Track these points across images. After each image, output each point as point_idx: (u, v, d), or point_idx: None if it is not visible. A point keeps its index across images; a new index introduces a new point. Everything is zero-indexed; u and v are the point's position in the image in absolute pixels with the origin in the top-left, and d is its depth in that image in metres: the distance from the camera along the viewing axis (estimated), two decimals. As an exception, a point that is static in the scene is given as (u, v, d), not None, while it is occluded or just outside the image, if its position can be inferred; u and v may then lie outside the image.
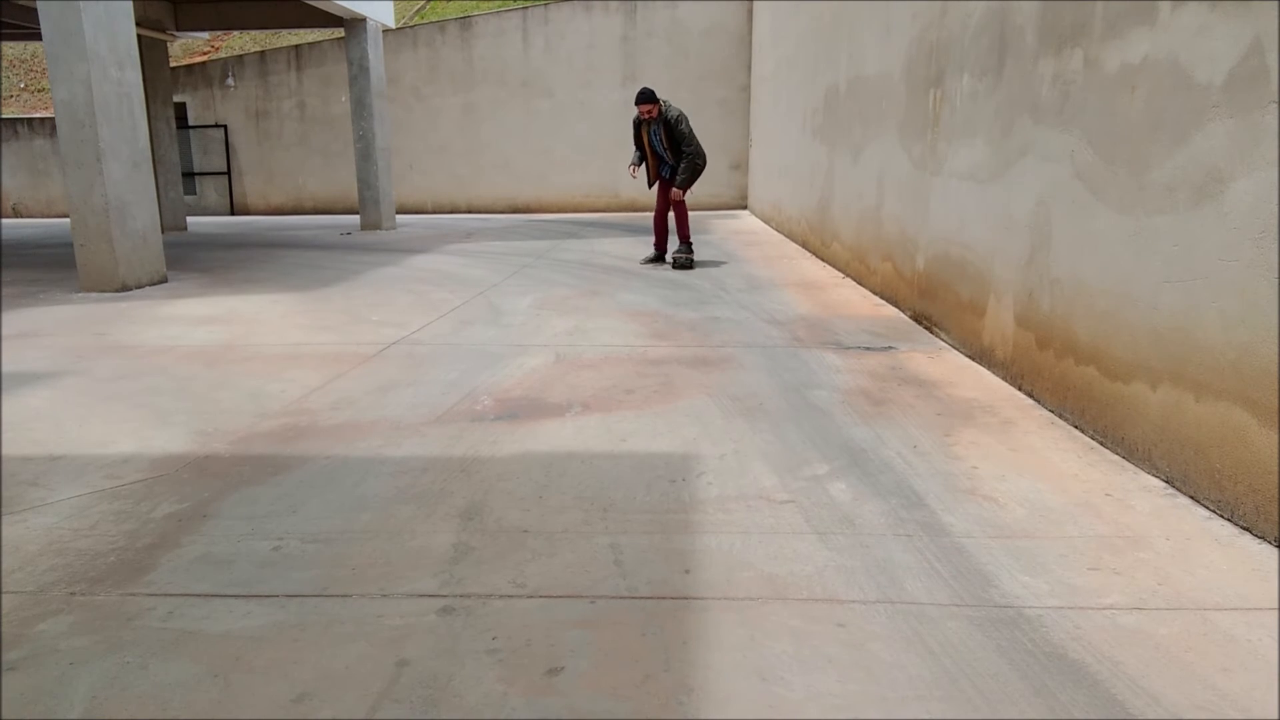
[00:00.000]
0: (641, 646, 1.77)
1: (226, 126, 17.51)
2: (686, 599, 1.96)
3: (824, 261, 8.03)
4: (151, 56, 13.20)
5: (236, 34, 21.15)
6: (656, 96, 7.45)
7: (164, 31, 13.47)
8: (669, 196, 7.81)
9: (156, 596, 2.00)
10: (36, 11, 8.48)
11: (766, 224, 12.59)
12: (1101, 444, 2.92)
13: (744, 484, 2.64)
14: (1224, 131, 2.30)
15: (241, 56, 17.49)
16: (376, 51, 12.53)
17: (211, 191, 17.83)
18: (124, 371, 4.20)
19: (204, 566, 2.14)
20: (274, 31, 20.52)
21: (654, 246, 8.21)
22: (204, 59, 18.95)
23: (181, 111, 17.19)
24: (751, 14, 15.60)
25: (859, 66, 6.56)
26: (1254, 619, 1.84)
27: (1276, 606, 1.88)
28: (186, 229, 13.89)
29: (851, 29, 6.80)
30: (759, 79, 14.23)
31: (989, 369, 3.94)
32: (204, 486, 2.69)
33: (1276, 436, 2.10)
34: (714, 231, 11.50)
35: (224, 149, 17.58)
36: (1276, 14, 2.12)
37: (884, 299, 5.88)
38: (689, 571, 2.09)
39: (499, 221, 14.53)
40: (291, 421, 3.35)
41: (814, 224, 8.60)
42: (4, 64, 20.86)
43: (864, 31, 6.37)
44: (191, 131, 17.47)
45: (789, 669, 1.68)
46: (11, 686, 1.66)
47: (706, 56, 15.97)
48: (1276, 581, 1.98)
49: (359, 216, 13.56)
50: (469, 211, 17.04)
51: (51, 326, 5.42)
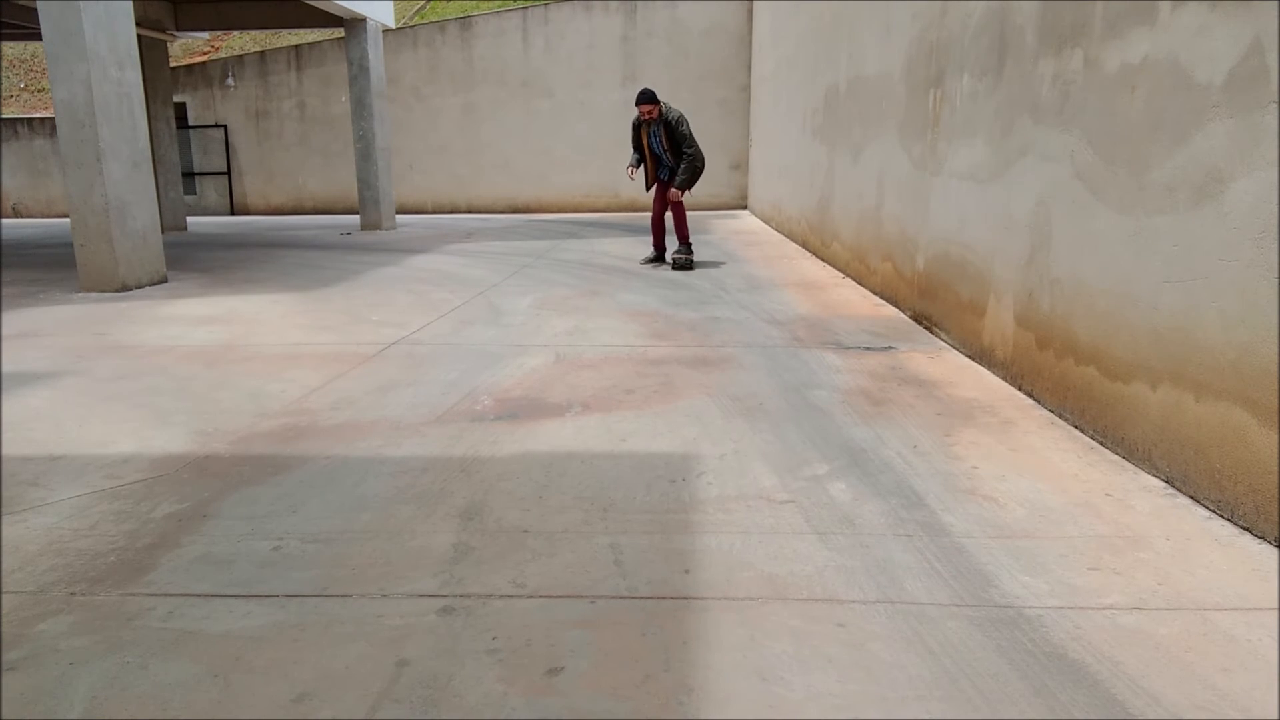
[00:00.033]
0: (641, 646, 1.77)
1: (226, 126, 17.52)
2: (686, 599, 1.96)
3: (824, 261, 8.03)
4: (151, 56, 13.21)
5: (236, 34, 21.15)
6: (657, 97, 7.44)
7: (164, 31, 13.48)
8: (666, 198, 7.79)
9: (156, 596, 2.00)
10: (36, 11, 8.48)
11: (766, 224, 12.60)
12: (1101, 444, 2.92)
13: (744, 484, 2.64)
14: (1224, 131, 2.30)
15: (241, 56, 17.49)
16: (376, 51, 12.53)
17: (211, 191, 17.84)
18: (124, 371, 4.20)
19: (204, 566, 2.15)
20: (274, 31, 20.52)
21: (653, 247, 8.21)
22: (204, 59, 18.96)
23: (181, 111, 17.19)
24: (751, 14, 15.60)
25: (859, 66, 6.56)
26: (1254, 619, 1.84)
27: (1276, 606, 1.88)
28: (186, 229, 13.89)
29: (851, 29, 6.80)
30: (759, 79, 14.23)
31: (989, 369, 3.94)
32: (204, 486, 2.69)
33: (1276, 436, 2.10)
34: (714, 231, 11.50)
35: (224, 149, 17.59)
36: (1276, 14, 2.12)
37: (884, 299, 5.88)
38: (689, 571, 2.09)
39: (499, 221, 14.53)
40: (291, 421, 3.36)
41: (814, 224, 8.60)
42: (4, 64, 20.86)
43: (864, 31, 6.38)
44: (191, 131, 17.48)
45: (789, 669, 1.69)
46: (11, 686, 1.66)
47: (706, 56, 15.97)
48: (1276, 581, 1.98)
49: (359, 216, 13.56)
50: (469, 211, 17.04)
51: (51, 326, 5.42)
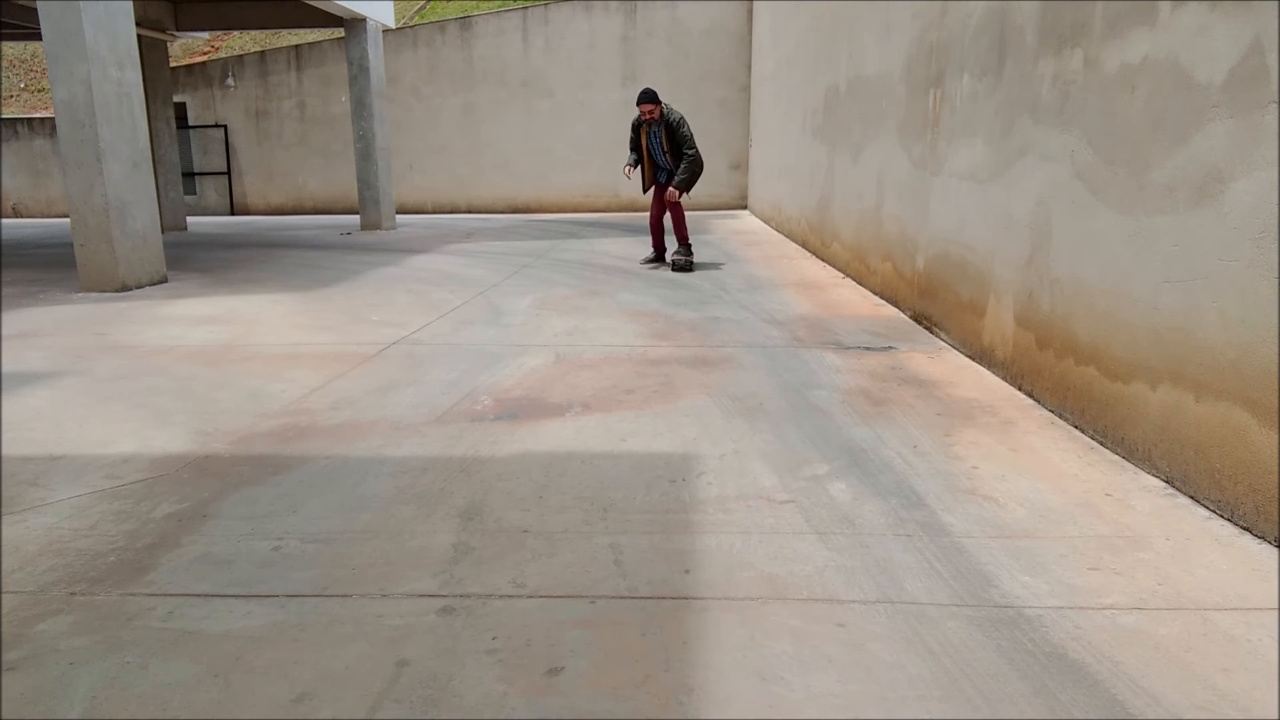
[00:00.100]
0: (641, 646, 1.77)
1: (226, 126, 17.52)
2: (686, 599, 1.96)
3: (824, 261, 8.03)
4: (151, 56, 13.21)
5: (236, 34, 21.15)
6: (659, 97, 7.41)
7: (164, 31, 13.48)
8: (664, 200, 7.74)
9: (156, 596, 2.00)
10: (36, 11, 8.48)
11: (766, 224, 12.60)
12: (1101, 444, 2.92)
13: (744, 484, 2.64)
14: (1224, 131, 2.30)
15: (241, 56, 17.49)
16: (376, 51, 12.53)
17: (211, 191, 17.84)
18: (124, 371, 4.20)
19: (204, 566, 2.15)
20: (274, 31, 20.53)
21: (652, 248, 8.20)
22: (204, 59, 18.96)
23: (181, 111, 17.19)
24: (751, 14, 15.60)
25: (859, 66, 6.56)
26: (1254, 619, 1.84)
27: (1276, 606, 1.88)
28: (186, 229, 13.89)
29: (851, 29, 6.80)
30: (759, 79, 14.23)
31: (989, 369, 3.94)
32: (204, 486, 2.69)
33: (1276, 436, 2.10)
34: (714, 231, 11.50)
35: (224, 149, 17.59)
36: (1276, 14, 2.12)
37: (884, 299, 5.88)
38: (689, 571, 2.09)
39: (499, 221, 14.53)
40: (291, 421, 3.36)
41: (814, 224, 8.60)
42: (4, 64, 20.86)
43: (864, 31, 6.38)
44: (191, 131, 17.48)
45: (789, 669, 1.68)
46: (11, 686, 1.66)
47: (706, 56, 15.97)
48: (1276, 581, 1.98)
49: (359, 216, 13.56)
50: (469, 211, 17.04)
51: (51, 326, 5.42)
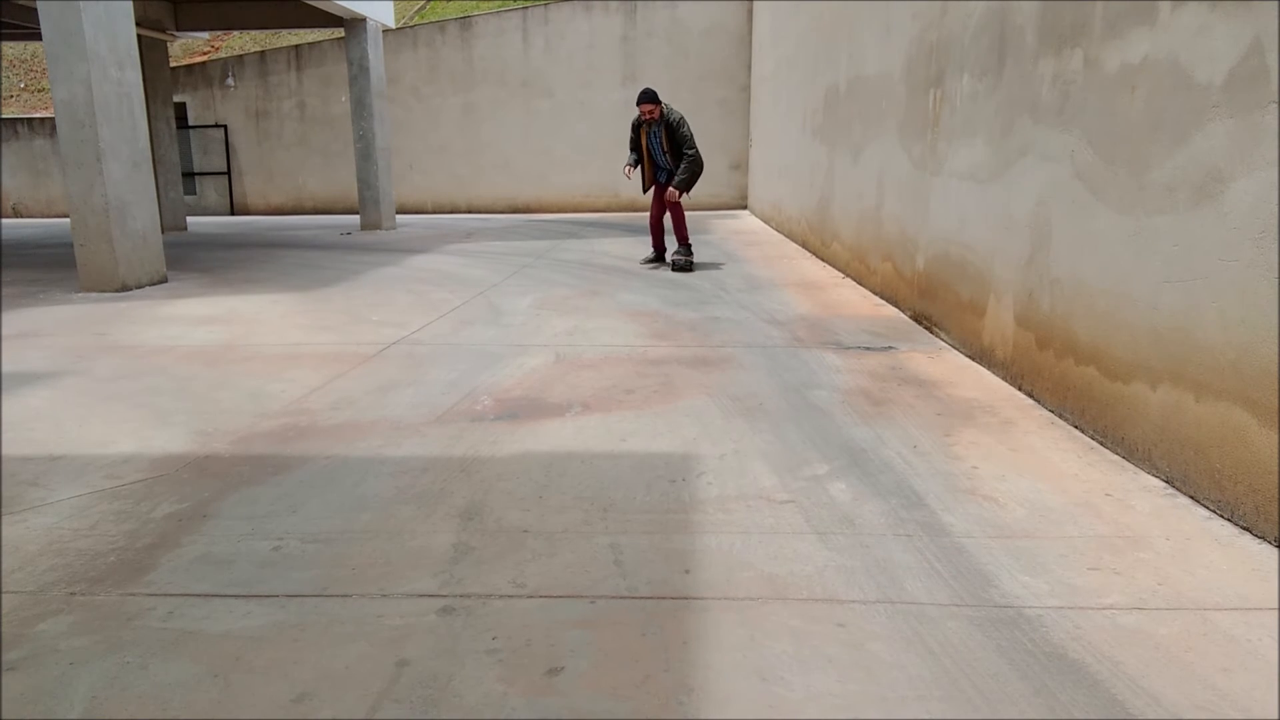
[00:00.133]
0: (641, 646, 1.77)
1: (226, 126, 17.52)
2: (686, 599, 1.96)
3: (824, 261, 8.03)
4: (151, 56, 13.21)
5: (236, 34, 21.15)
6: (659, 97, 7.40)
7: (164, 31, 13.48)
8: (664, 201, 7.73)
9: (156, 596, 2.00)
10: (36, 11, 8.48)
11: (766, 224, 12.60)
12: (1101, 444, 2.92)
13: (744, 484, 2.64)
14: (1224, 131, 2.30)
15: (241, 56, 17.49)
16: (376, 51, 12.53)
17: (211, 191, 17.84)
18: (124, 371, 4.20)
19: (204, 566, 2.15)
20: (274, 31, 20.53)
21: (652, 248, 8.20)
22: (204, 59, 18.96)
23: (181, 111, 17.19)
24: (751, 14, 15.60)
25: (859, 66, 6.56)
26: (1254, 619, 1.84)
27: (1276, 606, 1.88)
28: (186, 229, 13.89)
29: (851, 29, 6.80)
30: (759, 79, 14.23)
31: (989, 369, 3.94)
32: (204, 486, 2.69)
33: (1276, 436, 2.10)
34: (714, 231, 11.50)
35: (224, 149, 17.59)
36: (1276, 14, 2.12)
37: (884, 299, 5.88)
38: (689, 571, 2.09)
39: (499, 221, 14.53)
40: (291, 421, 3.36)
41: (814, 224, 8.60)
42: (4, 64, 20.86)
43: (864, 31, 6.38)
44: (191, 131, 17.48)
45: (789, 669, 1.68)
46: (11, 686, 1.66)
47: (706, 56, 15.97)
48: (1276, 581, 1.98)
49: (359, 216, 13.56)
50: (469, 211, 17.04)
51: (51, 326, 5.42)
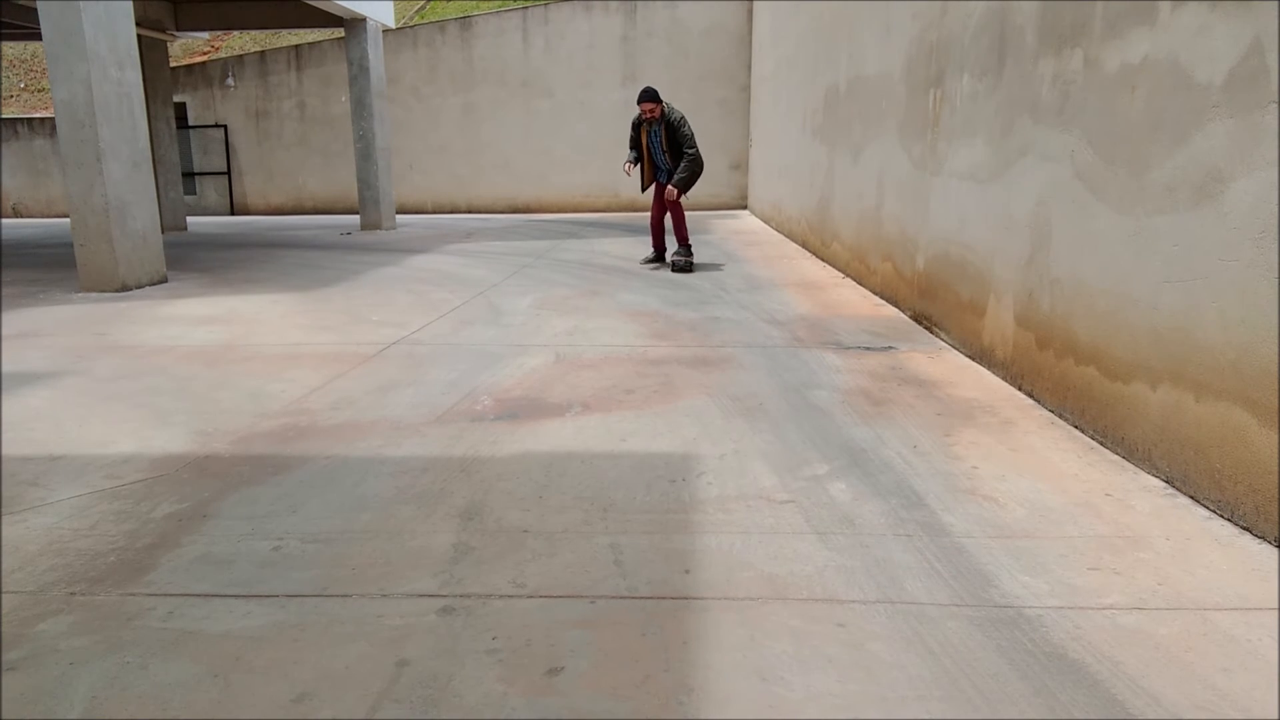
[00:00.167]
0: (641, 646, 1.77)
1: (226, 126, 17.52)
2: (686, 599, 1.96)
3: (824, 261, 8.03)
4: (151, 56, 13.21)
5: (236, 34, 21.15)
6: (660, 96, 7.37)
7: (164, 31, 13.48)
8: (664, 201, 7.72)
9: (156, 596, 2.00)
10: (36, 11, 8.48)
11: (766, 224, 12.60)
12: (1101, 444, 2.92)
13: (744, 484, 2.64)
14: (1224, 131, 2.30)
15: (241, 56, 17.49)
16: (376, 51, 12.53)
17: (211, 191, 17.84)
18: (124, 371, 4.20)
19: (204, 566, 2.15)
20: (274, 31, 20.53)
21: (653, 247, 8.20)
22: (204, 59, 18.96)
23: (181, 111, 17.19)
24: (751, 14, 15.60)
25: (859, 66, 6.56)
26: (1254, 619, 1.84)
27: (1276, 606, 1.88)
28: (186, 229, 13.89)
29: (851, 29, 6.80)
30: (759, 79, 14.23)
31: (989, 369, 3.94)
32: (204, 486, 2.69)
33: (1276, 436, 2.10)
34: (714, 231, 11.50)
35: (224, 149, 17.59)
36: (1276, 14, 2.12)
37: (884, 299, 5.88)
38: (689, 571, 2.09)
39: (499, 221, 14.53)
40: (291, 421, 3.36)
41: (814, 224, 8.60)
42: (4, 64, 20.86)
43: (864, 31, 6.38)
44: (191, 131, 17.48)
45: (789, 669, 1.68)
46: (11, 686, 1.66)
47: (706, 56, 15.97)
48: (1276, 581, 1.98)
49: (359, 216, 13.56)
50: (469, 211, 17.04)
51: (51, 326, 5.42)
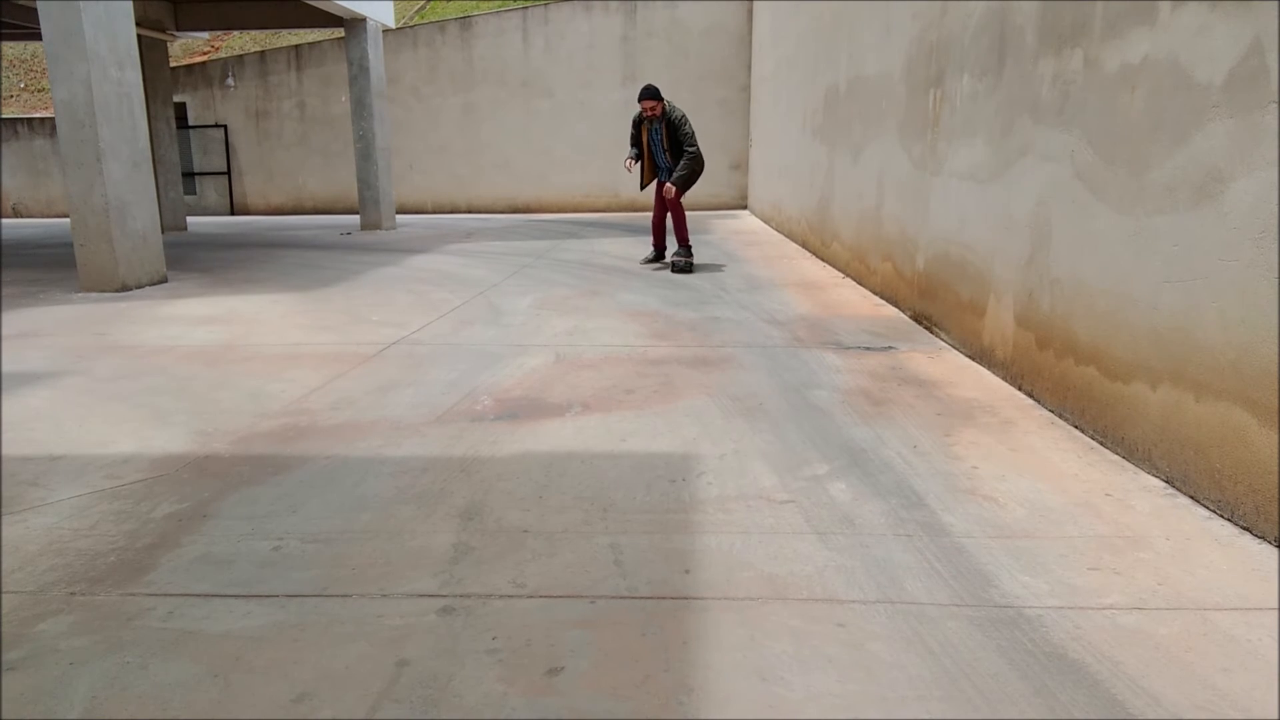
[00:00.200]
0: (641, 646, 1.77)
1: (226, 126, 17.52)
2: (686, 599, 1.96)
3: (824, 261, 8.03)
4: (151, 56, 13.21)
5: (236, 34, 21.15)
6: (661, 94, 7.33)
7: (164, 31, 13.47)
8: (665, 201, 7.72)
9: (156, 596, 2.00)
10: (36, 11, 8.48)
11: (766, 224, 12.60)
12: (1101, 444, 2.92)
13: (744, 484, 2.64)
14: (1224, 131, 2.30)
15: (241, 56, 17.49)
16: (376, 51, 12.53)
17: (211, 191, 17.84)
18: (124, 371, 4.20)
19: (204, 566, 2.15)
20: (274, 31, 20.53)
21: (653, 247, 8.19)
22: (204, 59, 18.95)
23: (181, 111, 17.19)
24: (751, 14, 15.60)
25: (859, 66, 6.56)
26: (1254, 619, 1.84)
27: (1276, 606, 1.88)
28: (186, 229, 13.89)
29: (851, 29, 6.80)
30: (759, 79, 14.23)
31: (989, 369, 3.94)
32: (204, 486, 2.69)
33: (1276, 436, 2.10)
34: (714, 231, 11.50)
35: (224, 149, 17.59)
36: (1276, 14, 2.12)
37: (884, 299, 5.88)
38: (689, 571, 2.09)
39: (499, 221, 14.53)
40: (291, 421, 3.36)
41: (814, 224, 8.60)
42: (4, 64, 20.86)
43: (864, 31, 6.38)
44: (191, 131, 17.48)
45: (789, 669, 1.68)
46: (11, 686, 1.66)
47: (706, 56, 15.97)
48: (1276, 581, 1.98)
49: (359, 216, 13.56)
50: (469, 211, 17.04)
51: (51, 326, 5.42)
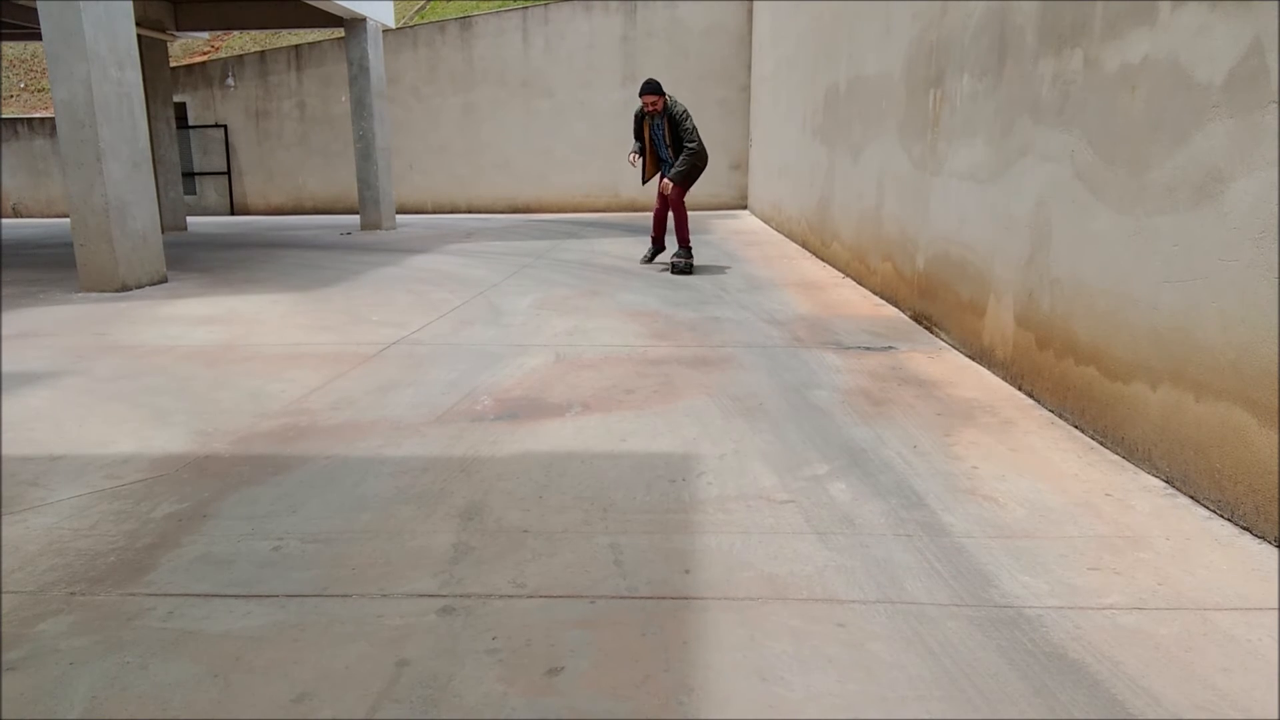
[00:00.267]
0: (641, 646, 1.77)
1: (226, 126, 17.52)
2: (686, 599, 1.96)
3: (824, 261, 8.03)
4: (151, 56, 13.21)
5: (236, 34, 21.15)
6: (662, 89, 7.25)
7: (164, 31, 13.47)
8: (667, 198, 7.70)
9: (156, 596, 2.00)
10: (36, 11, 8.48)
11: (766, 224, 12.60)
12: (1101, 444, 2.92)
13: (744, 484, 2.64)
14: (1224, 131, 2.30)
15: (241, 56, 17.49)
16: (376, 51, 12.53)
17: (211, 191, 17.84)
18: (124, 371, 4.20)
19: (204, 566, 2.15)
20: (274, 31, 20.53)
21: (651, 242, 8.18)
22: (204, 59, 18.95)
23: (181, 111, 17.19)
24: (751, 14, 15.60)
25: (859, 66, 6.56)
26: (1254, 619, 1.84)
27: (1276, 606, 1.88)
28: (186, 229, 13.89)
29: (851, 29, 6.80)
30: (759, 79, 14.23)
31: (989, 369, 3.94)
32: (204, 486, 2.69)
33: (1276, 436, 2.10)
34: (714, 231, 11.50)
35: (224, 149, 17.59)
36: (1276, 14, 2.12)
37: (884, 299, 5.88)
38: (689, 571, 2.09)
39: (499, 221, 14.53)
40: (291, 421, 3.35)
41: (814, 224, 8.60)
42: (4, 64, 20.86)
43: (864, 31, 6.38)
44: (191, 131, 17.48)
45: (789, 669, 1.68)
46: (11, 686, 1.66)
47: (706, 56, 15.97)
48: (1276, 581, 1.98)
49: (359, 216, 13.57)
50: (469, 211, 17.04)
51: (51, 326, 5.42)
